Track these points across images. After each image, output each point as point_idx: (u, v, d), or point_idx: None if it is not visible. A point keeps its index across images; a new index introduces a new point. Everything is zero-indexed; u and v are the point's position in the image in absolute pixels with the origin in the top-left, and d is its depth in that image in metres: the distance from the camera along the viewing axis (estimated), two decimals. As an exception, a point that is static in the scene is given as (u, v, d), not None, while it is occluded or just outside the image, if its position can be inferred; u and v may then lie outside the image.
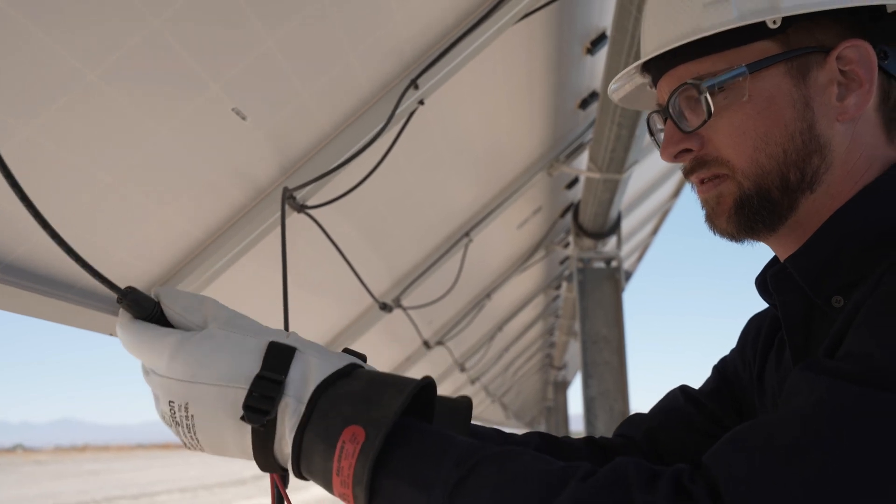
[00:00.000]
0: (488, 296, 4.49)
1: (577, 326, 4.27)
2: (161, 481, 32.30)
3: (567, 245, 4.92)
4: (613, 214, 3.96)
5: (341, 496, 0.69)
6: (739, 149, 0.85)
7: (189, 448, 0.75)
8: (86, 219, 1.41)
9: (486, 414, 14.76)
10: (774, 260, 0.95)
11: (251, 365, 0.70)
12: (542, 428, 31.32)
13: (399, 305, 3.07)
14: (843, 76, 0.84)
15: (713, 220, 0.90)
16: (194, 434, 0.72)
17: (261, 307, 2.33)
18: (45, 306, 1.41)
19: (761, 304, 1.01)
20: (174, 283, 1.70)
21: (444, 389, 6.60)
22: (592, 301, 4.08)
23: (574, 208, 4.27)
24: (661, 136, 0.94)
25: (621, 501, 0.61)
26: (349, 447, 0.67)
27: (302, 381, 0.71)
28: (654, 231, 8.82)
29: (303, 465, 0.70)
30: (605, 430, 3.83)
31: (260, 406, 0.69)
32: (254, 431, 0.70)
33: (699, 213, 0.94)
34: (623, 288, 4.16)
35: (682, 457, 1.03)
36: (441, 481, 0.66)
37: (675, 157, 0.90)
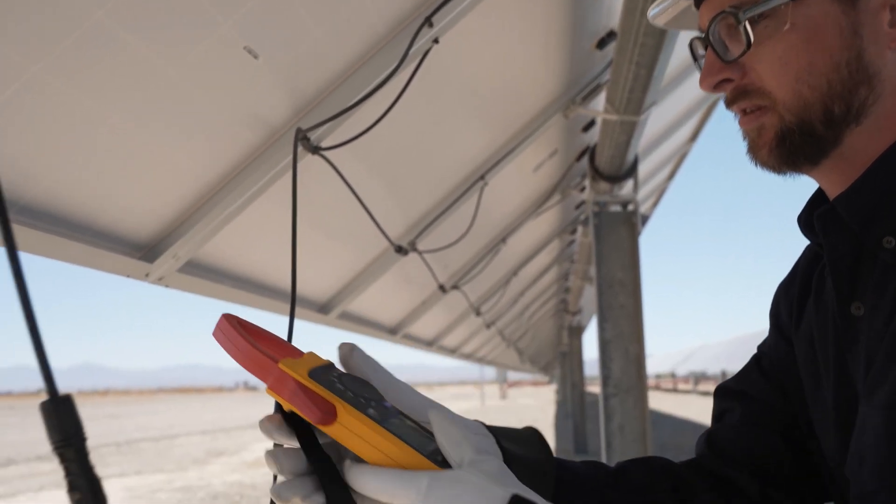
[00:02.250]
0: (503, 240, 4.48)
1: (592, 271, 4.26)
2: (180, 424, 32.93)
3: (583, 189, 4.88)
4: (630, 157, 3.92)
5: None
6: (781, 80, 0.81)
7: None
8: (96, 161, 1.40)
9: (501, 358, 14.89)
10: (817, 197, 0.90)
11: None
12: (556, 372, 31.42)
13: (414, 249, 3.07)
14: None
15: (754, 152, 0.86)
16: None
17: (276, 248, 2.33)
18: (63, 248, 1.41)
19: (772, 247, 0.97)
20: (189, 227, 1.69)
21: (459, 333, 6.64)
22: (608, 245, 4.06)
23: (590, 151, 4.23)
24: (703, 62, 0.89)
25: None
26: None
27: None
28: (671, 175, 8.74)
29: None
30: (620, 373, 3.84)
31: None
32: None
33: (717, 157, 0.89)
34: (639, 232, 4.14)
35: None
36: None
37: (715, 87, 0.86)
